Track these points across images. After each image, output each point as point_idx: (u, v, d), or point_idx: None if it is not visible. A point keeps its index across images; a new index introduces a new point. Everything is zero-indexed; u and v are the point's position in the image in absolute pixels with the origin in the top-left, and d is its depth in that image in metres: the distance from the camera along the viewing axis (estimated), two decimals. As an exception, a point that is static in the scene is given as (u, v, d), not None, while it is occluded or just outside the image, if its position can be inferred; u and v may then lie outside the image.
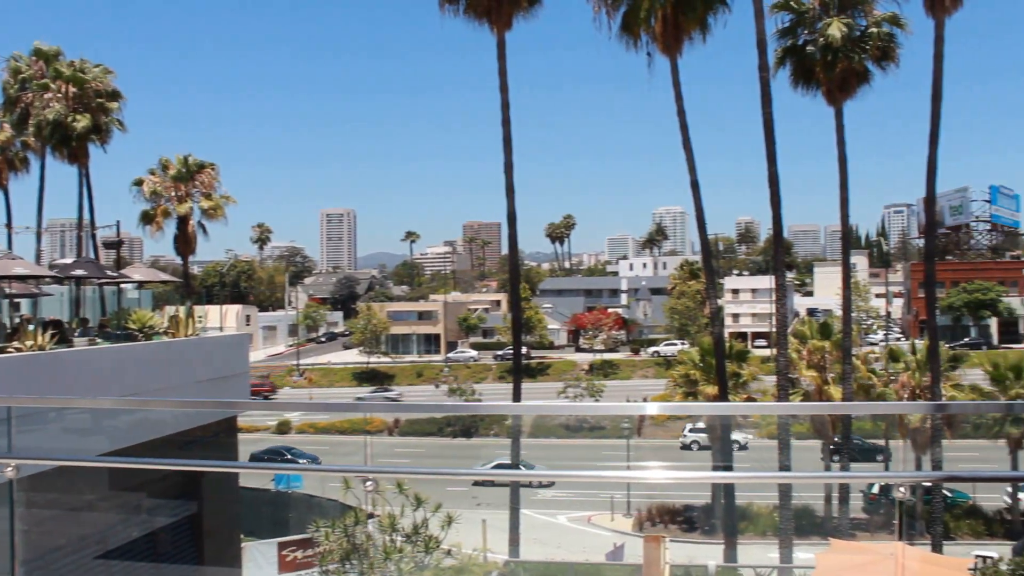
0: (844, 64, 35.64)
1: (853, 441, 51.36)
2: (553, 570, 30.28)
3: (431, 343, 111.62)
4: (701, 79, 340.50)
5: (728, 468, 47.52)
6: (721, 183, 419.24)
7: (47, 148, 45.78)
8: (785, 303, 36.59)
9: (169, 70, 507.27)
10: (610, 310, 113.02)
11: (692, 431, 60.55)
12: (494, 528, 33.04)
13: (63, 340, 16.14)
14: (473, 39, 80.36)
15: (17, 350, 14.22)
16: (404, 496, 18.46)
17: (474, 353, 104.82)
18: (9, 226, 47.86)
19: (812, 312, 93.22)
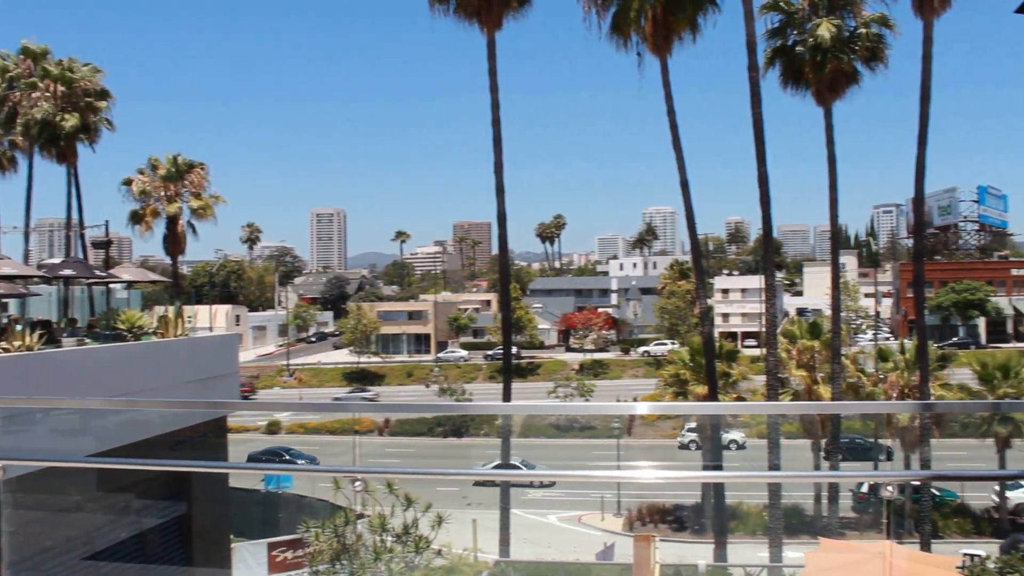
0: (833, 64, 35.79)
1: (855, 440, 51.58)
2: (543, 570, 30.30)
3: (421, 343, 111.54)
4: (691, 80, 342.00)
5: (718, 468, 47.64)
6: (711, 183, 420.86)
7: (35, 147, 45.56)
8: (775, 303, 36.70)
9: (159, 70, 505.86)
10: (600, 310, 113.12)
11: (691, 431, 60.61)
12: (485, 528, 33.05)
13: (51, 340, 16.06)
14: (463, 40, 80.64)
15: (4, 350, 14.14)
16: (394, 496, 18.45)
17: (464, 353, 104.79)
18: (-4, 226, 47.63)
19: (801, 312, 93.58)
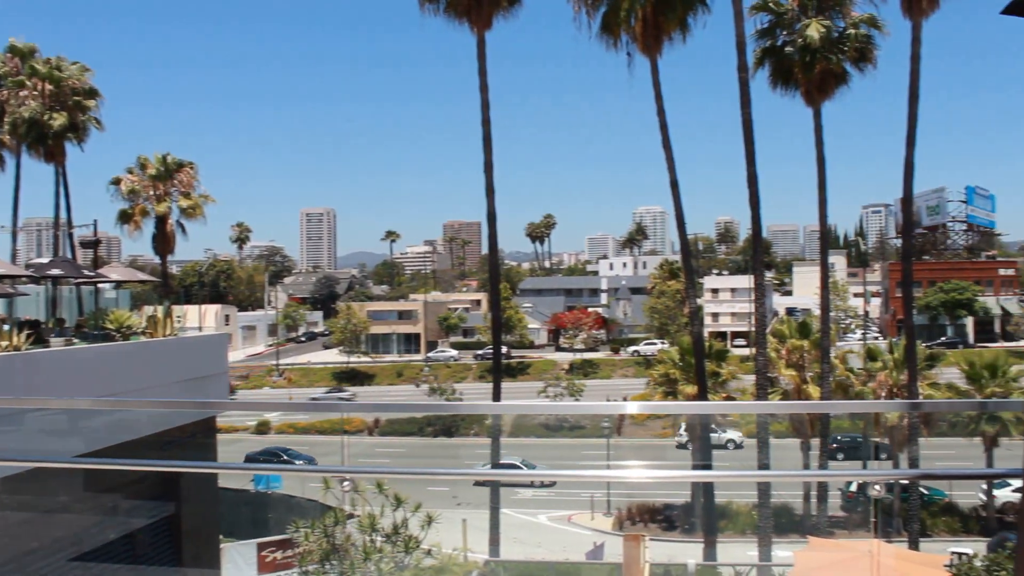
0: (822, 65, 35.91)
1: (857, 440, 51.70)
2: (533, 569, 30.33)
3: (411, 343, 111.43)
4: (681, 80, 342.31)
5: (708, 467, 47.68)
6: (701, 183, 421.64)
7: (23, 146, 45.33)
8: (764, 303, 36.82)
9: (148, 69, 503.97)
10: (590, 309, 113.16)
11: (687, 430, 60.52)
12: (474, 528, 33.04)
13: (39, 340, 15.97)
14: (453, 40, 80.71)
15: (-8, 350, 14.06)
16: (384, 496, 18.43)
17: (454, 352, 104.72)
18: (-16, 225, 47.38)
19: (791, 311, 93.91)
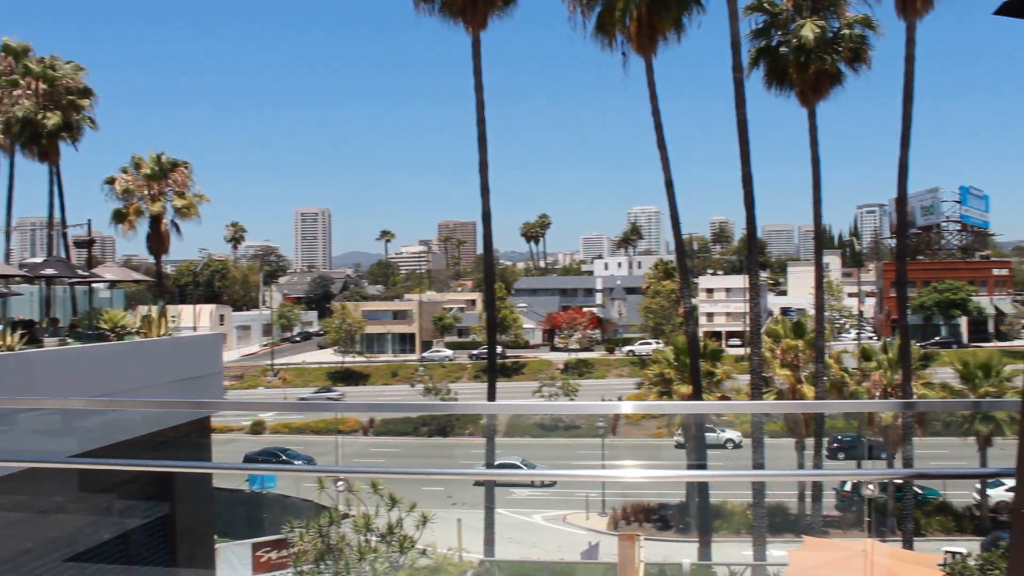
0: (817, 65, 35.95)
1: (860, 439, 51.75)
2: (528, 569, 30.31)
3: (406, 342, 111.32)
4: (676, 80, 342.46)
5: (703, 467, 47.77)
6: (696, 183, 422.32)
7: (16, 146, 45.17)
8: (759, 302, 36.84)
9: (142, 69, 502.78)
10: (585, 309, 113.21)
11: (683, 429, 60.48)
12: (469, 528, 33.02)
13: (33, 340, 15.93)
14: (449, 40, 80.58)
15: (-15, 350, 14.02)
16: (379, 496, 18.43)
17: (449, 352, 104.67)
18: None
19: (785, 311, 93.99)
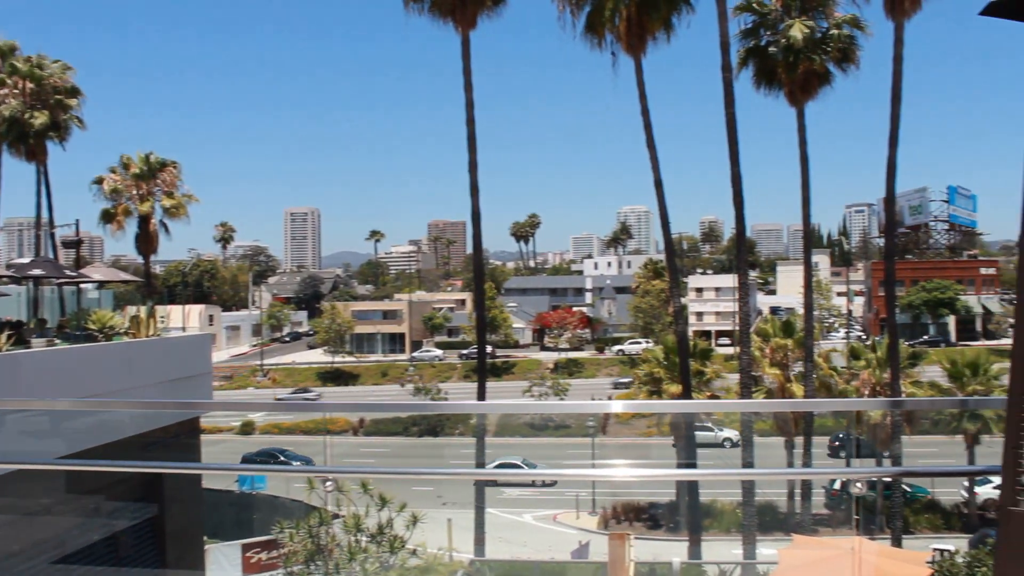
0: (805, 65, 36.06)
1: (860, 439, 51.87)
2: (519, 569, 30.33)
3: (396, 342, 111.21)
4: (665, 80, 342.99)
5: (693, 466, 47.85)
6: (685, 183, 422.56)
7: (3, 145, 44.91)
8: (748, 301, 36.95)
9: (131, 68, 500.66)
10: (575, 309, 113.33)
11: (673, 429, 60.46)
12: (459, 527, 33.01)
13: (20, 341, 15.84)
14: (438, 39, 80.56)
15: (-28, 351, 13.94)
16: (369, 496, 18.40)
17: (439, 352, 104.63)
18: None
19: (775, 310, 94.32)
